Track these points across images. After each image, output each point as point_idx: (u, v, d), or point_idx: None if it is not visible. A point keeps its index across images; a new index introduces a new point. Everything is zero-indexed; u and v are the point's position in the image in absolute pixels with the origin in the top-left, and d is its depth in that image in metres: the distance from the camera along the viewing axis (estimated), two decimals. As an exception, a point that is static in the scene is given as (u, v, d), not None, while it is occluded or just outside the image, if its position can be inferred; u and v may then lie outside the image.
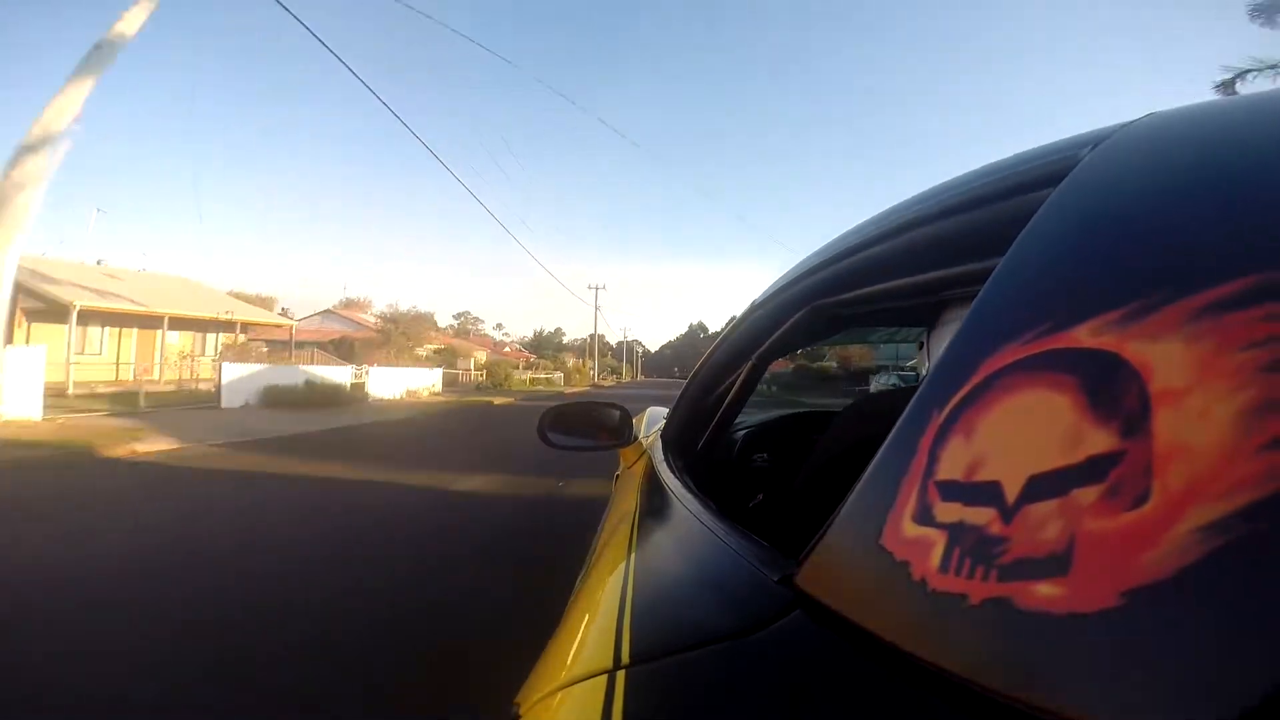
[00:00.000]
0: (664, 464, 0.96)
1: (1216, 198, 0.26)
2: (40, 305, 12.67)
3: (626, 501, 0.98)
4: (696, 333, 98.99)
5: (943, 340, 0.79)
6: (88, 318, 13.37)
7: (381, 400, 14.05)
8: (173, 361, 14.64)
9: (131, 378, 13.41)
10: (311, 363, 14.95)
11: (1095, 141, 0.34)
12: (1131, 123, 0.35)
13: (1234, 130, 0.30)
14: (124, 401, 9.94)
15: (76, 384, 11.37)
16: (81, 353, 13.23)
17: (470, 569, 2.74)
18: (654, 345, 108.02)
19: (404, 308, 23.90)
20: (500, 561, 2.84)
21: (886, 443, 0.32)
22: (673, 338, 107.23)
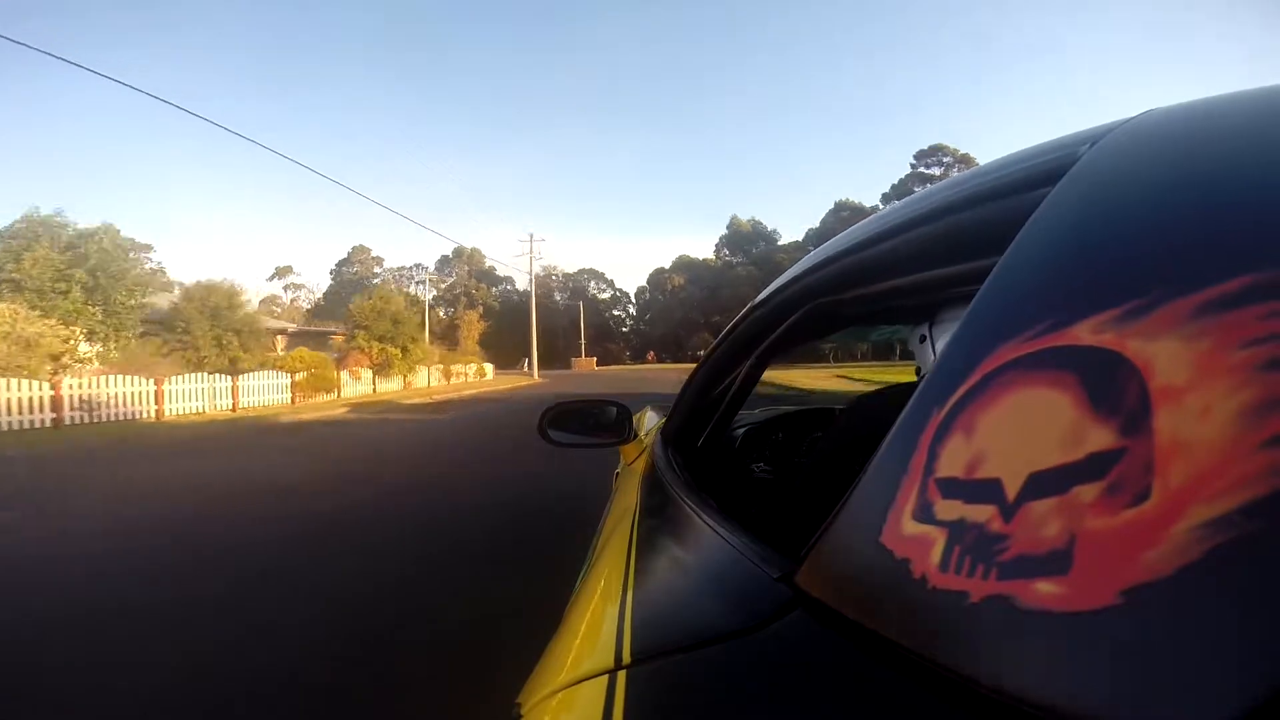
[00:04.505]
0: (664, 461, 0.96)
1: (1216, 194, 0.26)
2: None
3: (627, 499, 0.98)
4: (750, 239, 48.74)
5: (944, 338, 0.79)
6: None
7: None
8: None
9: None
10: None
11: (1094, 139, 0.34)
12: (1130, 119, 0.35)
13: (1233, 126, 0.30)
14: None
15: None
16: None
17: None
18: (640, 277, 54.70)
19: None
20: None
21: (887, 440, 0.32)
22: (698, 255, 50.93)
